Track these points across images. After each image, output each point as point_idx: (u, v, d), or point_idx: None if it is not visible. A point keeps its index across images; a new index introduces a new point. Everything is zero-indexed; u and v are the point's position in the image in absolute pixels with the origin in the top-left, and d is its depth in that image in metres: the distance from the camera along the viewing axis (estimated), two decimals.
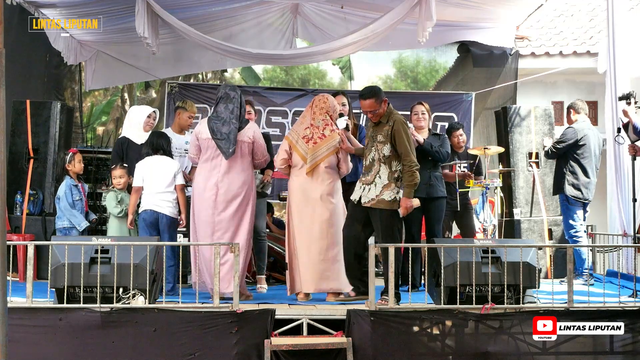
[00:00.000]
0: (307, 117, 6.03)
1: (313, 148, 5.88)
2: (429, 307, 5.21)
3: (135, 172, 6.04)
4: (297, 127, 6.08)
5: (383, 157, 5.48)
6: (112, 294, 4.94)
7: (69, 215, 6.41)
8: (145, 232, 5.91)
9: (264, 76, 20.88)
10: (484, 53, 9.52)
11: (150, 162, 6.03)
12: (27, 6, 7.68)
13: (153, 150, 6.05)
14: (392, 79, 26.01)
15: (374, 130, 5.58)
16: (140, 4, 7.10)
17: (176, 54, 9.27)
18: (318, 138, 5.91)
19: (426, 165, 6.28)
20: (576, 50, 10.32)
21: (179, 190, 6.02)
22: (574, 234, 6.91)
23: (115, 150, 6.62)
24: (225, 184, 5.75)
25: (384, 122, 5.49)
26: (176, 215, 6.03)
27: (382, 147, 5.47)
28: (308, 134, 5.94)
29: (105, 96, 17.05)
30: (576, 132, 6.97)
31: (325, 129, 5.95)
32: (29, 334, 4.88)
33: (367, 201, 5.49)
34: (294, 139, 5.98)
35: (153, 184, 5.97)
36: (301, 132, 5.98)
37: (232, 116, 5.78)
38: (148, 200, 5.97)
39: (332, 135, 5.94)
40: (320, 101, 6.04)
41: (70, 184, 6.49)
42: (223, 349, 4.96)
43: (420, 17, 7.14)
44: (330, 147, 5.91)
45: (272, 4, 8.50)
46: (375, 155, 5.52)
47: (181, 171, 6.12)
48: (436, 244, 5.37)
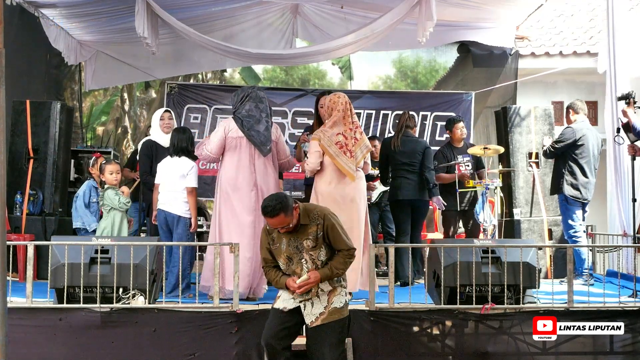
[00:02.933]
0: (338, 122, 5.82)
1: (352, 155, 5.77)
2: (429, 307, 5.21)
3: (157, 170, 6.08)
4: (328, 130, 5.82)
5: (321, 264, 4.45)
6: (112, 294, 4.94)
7: (81, 214, 6.42)
8: (160, 231, 5.93)
9: (263, 76, 20.88)
10: (484, 53, 9.53)
11: (168, 161, 6.05)
12: (27, 6, 7.68)
13: (174, 151, 6.03)
14: (392, 79, 26.02)
15: (294, 240, 4.45)
16: (140, 4, 7.10)
17: (176, 54, 9.27)
18: (353, 143, 5.80)
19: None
20: (576, 50, 10.32)
21: (188, 192, 5.94)
22: (574, 234, 6.91)
23: (144, 153, 6.47)
24: (265, 185, 5.77)
25: (305, 224, 4.43)
26: (186, 214, 5.97)
27: (317, 253, 4.43)
28: (341, 140, 5.78)
29: (105, 96, 17.03)
30: (574, 132, 6.97)
31: (356, 131, 5.88)
32: (29, 334, 4.89)
33: (314, 320, 4.41)
34: (325, 144, 5.77)
35: (166, 183, 5.98)
36: (333, 137, 5.78)
37: (264, 115, 5.82)
38: (161, 199, 5.99)
39: (363, 138, 5.91)
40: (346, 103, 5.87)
41: (91, 185, 6.51)
42: (223, 349, 4.96)
43: (420, 17, 7.15)
44: (363, 150, 5.87)
45: (272, 4, 8.50)
46: (307, 268, 4.44)
47: (194, 172, 6.01)
48: (436, 244, 5.37)
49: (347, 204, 5.74)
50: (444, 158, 7.56)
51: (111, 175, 6.25)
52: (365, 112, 9.81)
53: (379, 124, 9.83)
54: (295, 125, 9.76)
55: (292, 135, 9.48)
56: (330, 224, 4.42)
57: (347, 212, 5.65)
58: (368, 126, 9.72)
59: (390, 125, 9.83)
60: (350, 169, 5.72)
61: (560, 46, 10.42)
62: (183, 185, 5.95)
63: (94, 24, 8.47)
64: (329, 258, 4.46)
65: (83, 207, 6.44)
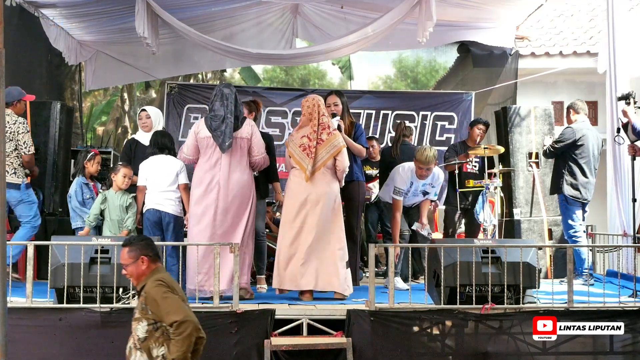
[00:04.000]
0: (304, 124, 6.00)
1: (311, 157, 5.84)
2: (429, 307, 5.21)
3: (140, 171, 6.03)
4: (294, 134, 6.07)
5: (139, 342, 3.75)
6: (112, 294, 4.94)
7: (80, 213, 6.41)
8: (149, 232, 5.88)
9: (263, 76, 20.90)
10: (484, 53, 9.53)
11: (154, 161, 6.03)
12: (27, 6, 7.68)
13: (159, 149, 6.04)
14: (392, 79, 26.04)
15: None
16: (140, 4, 7.10)
17: (176, 54, 9.27)
18: (317, 144, 5.87)
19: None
20: (576, 50, 10.31)
21: (182, 189, 6.00)
22: (573, 234, 6.91)
23: (125, 152, 6.61)
24: (227, 184, 5.75)
25: (142, 286, 3.81)
26: (180, 213, 6.00)
27: (136, 325, 3.77)
28: (305, 143, 5.90)
29: (105, 96, 17.05)
30: (574, 132, 6.97)
31: (322, 132, 5.93)
32: (29, 334, 4.89)
33: None
34: (293, 150, 5.96)
35: (156, 183, 5.96)
36: (297, 140, 5.95)
37: (227, 111, 5.81)
38: (151, 199, 5.96)
39: (330, 138, 5.92)
40: (314, 105, 5.98)
41: (81, 182, 6.51)
42: (223, 349, 4.96)
43: (420, 17, 7.14)
44: (330, 150, 5.89)
45: (272, 4, 8.50)
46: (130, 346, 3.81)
47: (185, 170, 6.07)
48: (436, 244, 5.37)
49: (312, 206, 5.81)
50: (454, 153, 7.61)
51: (124, 178, 6.22)
52: (365, 112, 9.81)
53: (379, 124, 9.82)
54: (295, 125, 9.72)
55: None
56: (151, 296, 3.68)
57: (312, 214, 5.79)
58: (368, 126, 9.72)
59: (390, 126, 9.82)
60: (306, 164, 5.83)
61: (560, 46, 10.42)
62: (175, 183, 5.96)
63: (94, 24, 8.47)
64: (149, 336, 3.71)
65: (79, 206, 6.43)
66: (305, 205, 5.83)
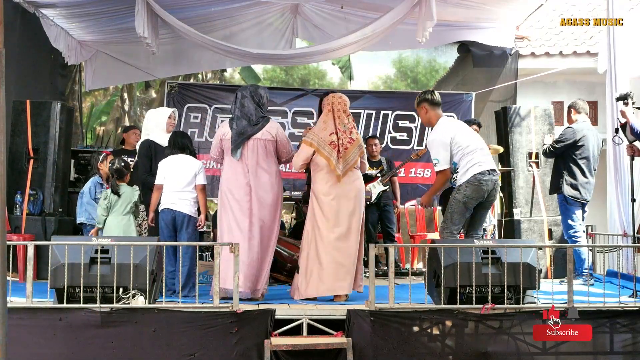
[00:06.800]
0: (329, 122, 5.93)
1: (345, 154, 5.83)
2: (429, 307, 5.20)
3: (158, 170, 6.01)
4: (319, 132, 5.93)
5: None
6: (112, 294, 4.94)
7: (89, 209, 6.42)
8: (163, 231, 5.88)
9: (263, 76, 20.89)
10: (484, 53, 9.53)
11: (173, 160, 6.01)
12: (27, 6, 7.68)
13: (179, 149, 6.03)
14: (392, 79, 26.01)
15: None
16: (140, 4, 7.11)
17: (176, 53, 9.28)
18: (348, 143, 5.86)
19: None
20: (576, 50, 10.31)
21: (199, 190, 5.96)
22: (573, 234, 6.91)
23: (144, 154, 6.39)
24: (256, 185, 5.79)
25: None
26: (194, 214, 5.96)
27: None
28: (335, 140, 5.85)
29: (105, 96, 17.03)
30: (575, 132, 6.97)
31: (352, 132, 5.93)
32: (29, 334, 4.88)
33: None
34: (320, 146, 5.86)
35: (172, 183, 5.94)
36: (326, 138, 5.87)
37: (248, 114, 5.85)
38: (166, 198, 5.94)
39: (359, 138, 5.97)
40: (341, 103, 5.98)
41: (97, 182, 6.56)
42: (223, 349, 4.95)
43: (420, 17, 7.15)
44: (359, 150, 5.91)
45: (272, 4, 8.50)
46: None
47: (203, 171, 6.06)
48: (436, 244, 5.37)
49: (344, 202, 5.81)
50: None
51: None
52: (365, 112, 9.81)
53: (379, 124, 9.82)
54: (295, 125, 9.77)
55: (292, 135, 9.47)
56: None
57: (345, 210, 5.79)
58: (368, 126, 9.73)
59: (390, 126, 9.83)
60: (336, 161, 5.80)
61: (560, 46, 10.42)
62: (192, 183, 5.95)
63: (94, 24, 8.48)
64: None
65: (91, 202, 6.46)
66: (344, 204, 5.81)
